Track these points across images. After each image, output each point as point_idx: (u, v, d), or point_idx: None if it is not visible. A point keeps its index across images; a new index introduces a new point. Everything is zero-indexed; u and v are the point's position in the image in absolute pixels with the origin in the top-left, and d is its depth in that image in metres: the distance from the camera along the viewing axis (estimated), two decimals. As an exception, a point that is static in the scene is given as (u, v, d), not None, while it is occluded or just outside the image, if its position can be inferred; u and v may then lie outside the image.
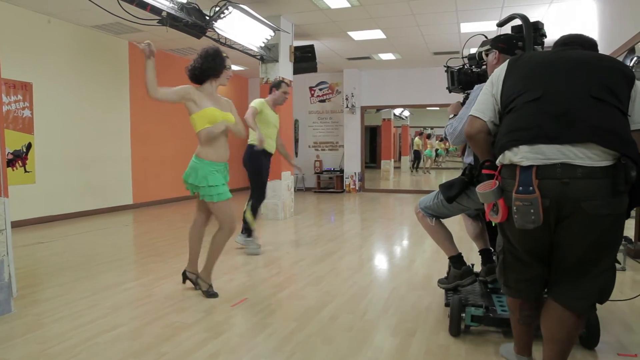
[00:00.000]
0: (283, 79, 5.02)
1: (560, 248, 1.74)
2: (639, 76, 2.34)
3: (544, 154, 1.63)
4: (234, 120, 3.28)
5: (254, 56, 6.79)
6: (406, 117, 15.76)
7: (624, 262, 3.87)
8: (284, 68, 6.97)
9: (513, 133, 1.71)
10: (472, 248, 3.76)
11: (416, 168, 16.46)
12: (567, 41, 1.90)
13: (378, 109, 12.82)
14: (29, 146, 6.33)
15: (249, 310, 3.00)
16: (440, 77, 4.80)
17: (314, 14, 6.71)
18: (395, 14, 6.71)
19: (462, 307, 2.50)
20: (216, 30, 5.46)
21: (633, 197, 1.66)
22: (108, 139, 7.62)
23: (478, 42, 2.62)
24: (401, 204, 9.02)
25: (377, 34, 7.81)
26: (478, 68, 2.71)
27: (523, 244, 1.80)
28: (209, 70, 3.15)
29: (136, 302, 3.12)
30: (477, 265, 3.00)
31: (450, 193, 2.47)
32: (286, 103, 5.02)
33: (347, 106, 10.94)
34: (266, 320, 2.81)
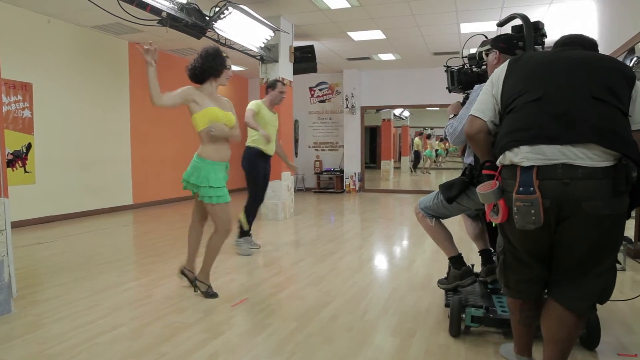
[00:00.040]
0: (278, 79, 5.01)
1: (560, 248, 1.74)
2: (639, 76, 2.33)
3: (545, 155, 1.63)
4: (234, 120, 3.28)
5: (254, 56, 6.78)
6: (406, 118, 15.76)
7: (624, 262, 3.87)
8: (284, 68, 6.97)
9: (513, 133, 1.71)
10: (472, 248, 3.76)
11: (416, 168, 16.46)
12: (568, 41, 1.90)
13: (378, 109, 12.83)
14: (29, 146, 6.33)
15: (249, 310, 3.00)
16: (440, 77, 4.80)
17: (314, 15, 6.70)
18: (395, 15, 6.71)
19: (462, 308, 2.49)
20: (216, 30, 5.46)
21: (634, 198, 1.66)
22: (108, 139, 7.62)
23: (478, 42, 2.62)
24: (401, 204, 9.02)
25: (377, 35, 7.81)
26: (478, 68, 2.70)
27: (523, 245, 1.80)
28: (209, 69, 3.15)
29: (136, 303, 3.12)
30: (477, 265, 3.00)
31: (450, 193, 2.47)
32: (286, 103, 5.01)
33: (347, 106, 10.93)
34: (266, 320, 2.81)
